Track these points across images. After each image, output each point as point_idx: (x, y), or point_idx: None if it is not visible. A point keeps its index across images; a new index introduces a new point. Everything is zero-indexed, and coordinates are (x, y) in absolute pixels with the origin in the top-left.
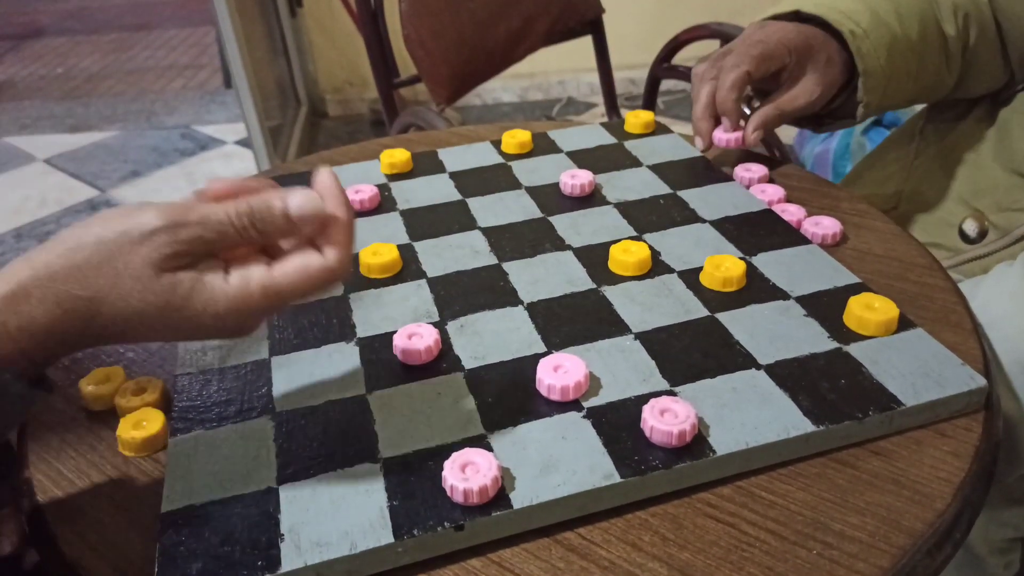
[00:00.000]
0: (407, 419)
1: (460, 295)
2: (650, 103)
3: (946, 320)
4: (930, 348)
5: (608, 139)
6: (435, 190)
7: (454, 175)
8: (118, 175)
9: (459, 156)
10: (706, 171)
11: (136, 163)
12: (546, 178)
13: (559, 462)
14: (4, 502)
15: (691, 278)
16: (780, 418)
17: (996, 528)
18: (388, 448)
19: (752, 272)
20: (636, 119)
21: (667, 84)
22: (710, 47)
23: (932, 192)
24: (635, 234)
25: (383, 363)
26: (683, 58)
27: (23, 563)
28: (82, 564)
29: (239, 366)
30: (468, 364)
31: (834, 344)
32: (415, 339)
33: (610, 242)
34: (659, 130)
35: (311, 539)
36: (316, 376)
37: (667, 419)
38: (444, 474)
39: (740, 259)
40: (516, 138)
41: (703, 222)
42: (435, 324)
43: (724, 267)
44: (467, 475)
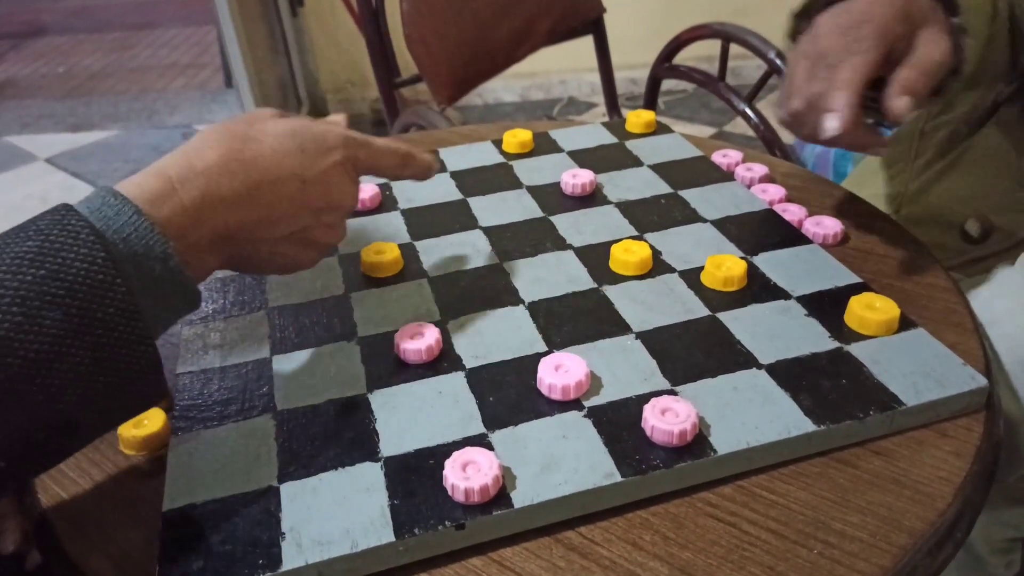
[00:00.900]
0: (408, 418)
1: (461, 294)
2: (651, 103)
3: (947, 320)
4: (931, 348)
5: (609, 139)
6: (436, 189)
7: (455, 174)
8: (119, 174)
9: (460, 155)
10: (707, 171)
11: (137, 162)
12: (547, 178)
13: (560, 461)
14: (134, 410)
15: (692, 278)
16: (781, 418)
17: (997, 528)
18: (389, 447)
19: (753, 272)
20: (637, 119)
21: (668, 84)
22: (711, 47)
23: (934, 192)
24: (636, 234)
25: (384, 362)
26: (684, 58)
27: (26, 562)
28: (84, 562)
29: (240, 365)
30: (469, 363)
31: (835, 344)
32: (416, 338)
33: (611, 242)
34: (660, 130)
35: (312, 537)
36: (317, 375)
37: (668, 418)
38: (445, 473)
39: (741, 259)
40: (517, 137)
41: (704, 222)
42: (436, 323)
43: (725, 267)
44: (468, 474)
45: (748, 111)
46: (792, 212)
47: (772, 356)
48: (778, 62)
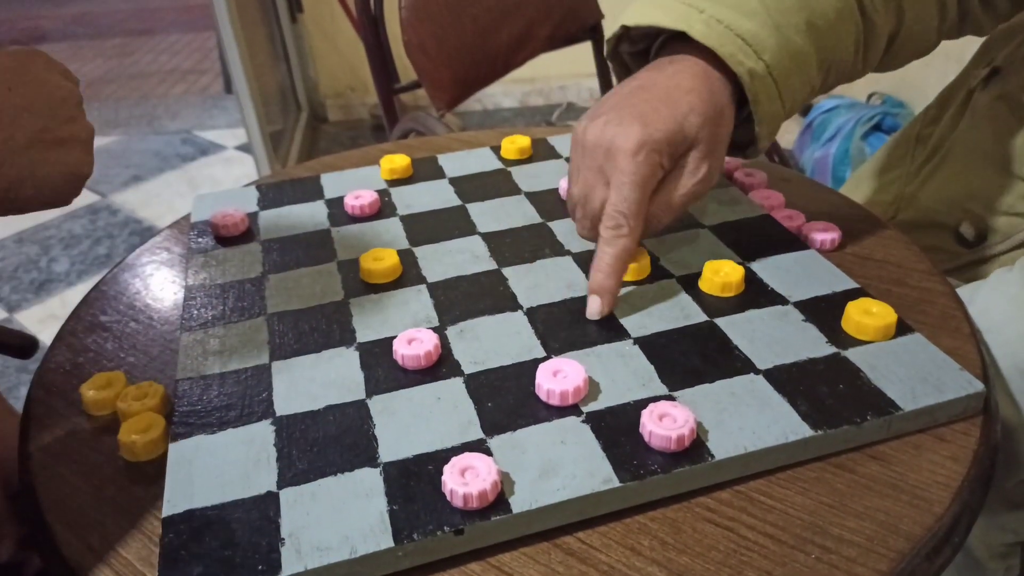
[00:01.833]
0: (407, 424)
1: (460, 300)
2: None
3: (944, 325)
4: (928, 353)
5: None
6: (435, 195)
7: (454, 180)
8: (120, 180)
9: (459, 161)
10: None
11: (138, 168)
12: (546, 183)
13: (558, 466)
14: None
15: (690, 283)
16: (779, 423)
17: (995, 533)
18: (388, 453)
19: (751, 277)
20: None
21: None
22: None
23: (925, 195)
24: None
25: (383, 368)
26: None
27: (25, 569)
28: (84, 568)
29: (240, 371)
30: (468, 369)
31: (832, 349)
32: (415, 344)
33: None
34: None
35: (311, 543)
36: (316, 381)
37: (666, 424)
38: (444, 478)
39: (739, 264)
40: (516, 144)
41: (702, 227)
42: (435, 329)
43: (723, 272)
44: (467, 479)
45: None
46: (790, 217)
47: (770, 361)
48: None
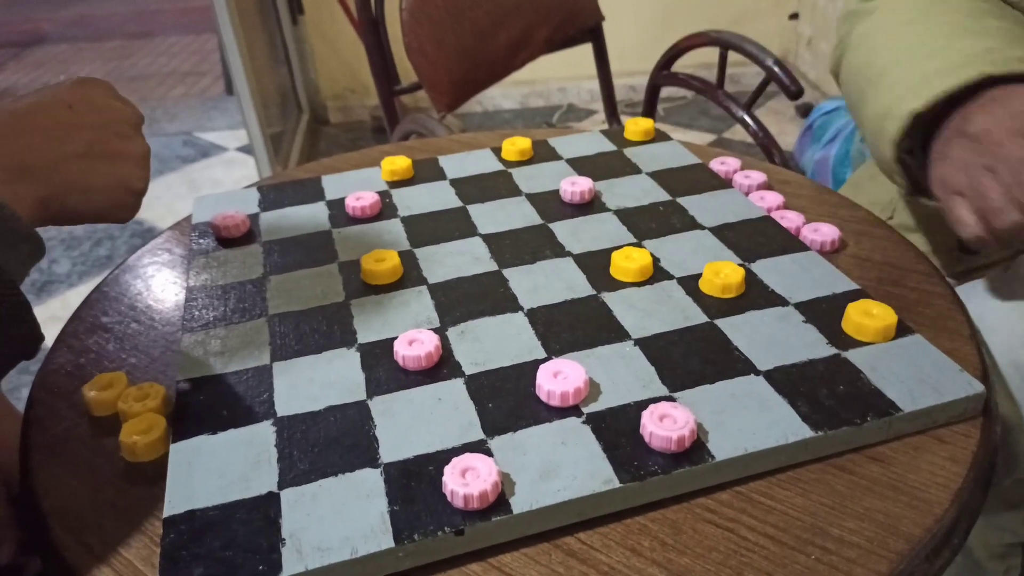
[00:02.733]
0: (408, 425)
1: (461, 301)
2: (650, 110)
3: (944, 326)
4: (928, 354)
5: (608, 146)
6: (436, 197)
7: (455, 182)
8: None
9: (460, 163)
10: (705, 178)
11: None
12: (546, 185)
13: (559, 467)
14: (14, 356)
15: (690, 285)
16: (779, 424)
17: (995, 533)
18: (389, 453)
19: (751, 279)
20: (636, 126)
21: (667, 91)
22: (710, 54)
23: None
24: (635, 241)
25: (384, 369)
26: (683, 65)
27: (25, 573)
28: (84, 569)
29: (240, 372)
30: (468, 370)
31: (833, 350)
32: (416, 345)
33: (610, 249)
34: (659, 137)
35: (312, 544)
36: (317, 382)
37: (666, 425)
38: (444, 479)
39: (739, 266)
40: (516, 145)
41: (702, 229)
42: (436, 330)
43: (723, 274)
44: (467, 480)
45: (747, 118)
46: (790, 219)
47: (770, 363)
48: (776, 69)
